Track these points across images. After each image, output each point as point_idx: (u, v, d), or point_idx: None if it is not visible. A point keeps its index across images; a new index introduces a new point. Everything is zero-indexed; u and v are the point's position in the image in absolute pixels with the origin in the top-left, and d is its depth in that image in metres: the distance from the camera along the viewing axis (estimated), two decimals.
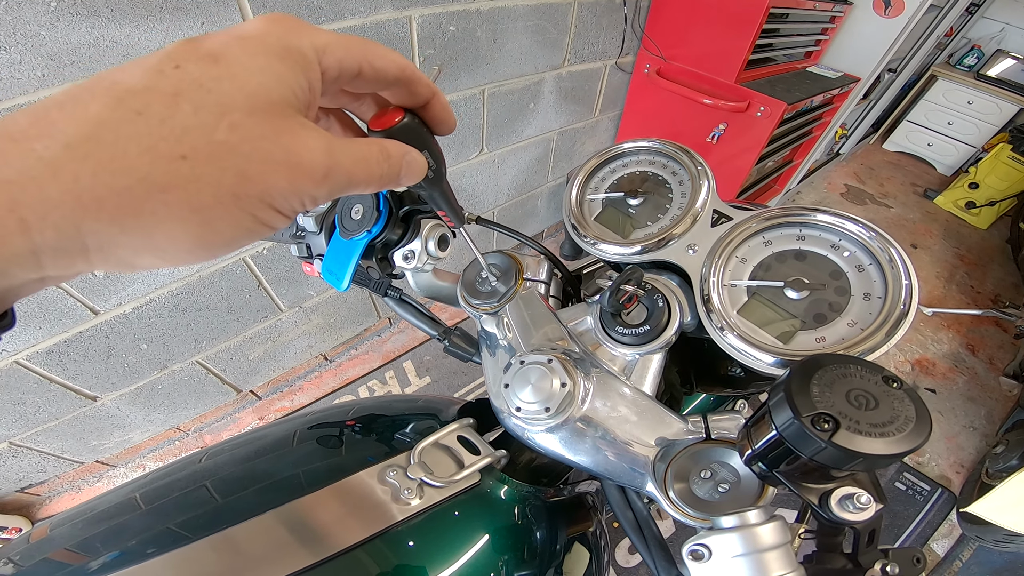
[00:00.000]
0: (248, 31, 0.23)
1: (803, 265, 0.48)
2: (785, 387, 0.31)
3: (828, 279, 0.46)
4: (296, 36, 0.24)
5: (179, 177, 0.19)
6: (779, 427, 0.31)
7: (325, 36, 0.25)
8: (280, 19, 0.24)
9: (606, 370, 0.50)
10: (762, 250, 0.50)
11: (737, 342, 0.46)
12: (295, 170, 0.23)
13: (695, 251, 0.52)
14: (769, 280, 0.48)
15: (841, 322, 0.44)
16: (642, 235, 0.55)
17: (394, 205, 0.47)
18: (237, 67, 0.21)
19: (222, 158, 0.20)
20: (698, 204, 0.53)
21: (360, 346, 2.18)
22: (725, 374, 0.66)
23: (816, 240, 0.48)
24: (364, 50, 0.27)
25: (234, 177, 0.21)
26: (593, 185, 0.60)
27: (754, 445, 0.35)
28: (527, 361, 0.49)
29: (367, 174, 0.27)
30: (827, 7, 2.16)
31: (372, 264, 0.48)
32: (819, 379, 0.31)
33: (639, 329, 0.50)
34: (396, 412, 0.63)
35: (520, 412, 0.47)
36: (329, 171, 0.24)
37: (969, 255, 3.52)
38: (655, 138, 0.58)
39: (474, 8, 1.51)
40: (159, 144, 0.19)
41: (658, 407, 0.47)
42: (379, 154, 0.28)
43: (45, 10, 0.88)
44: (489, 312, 0.57)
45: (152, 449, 1.83)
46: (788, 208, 0.49)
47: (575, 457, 0.47)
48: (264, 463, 0.54)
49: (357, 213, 0.47)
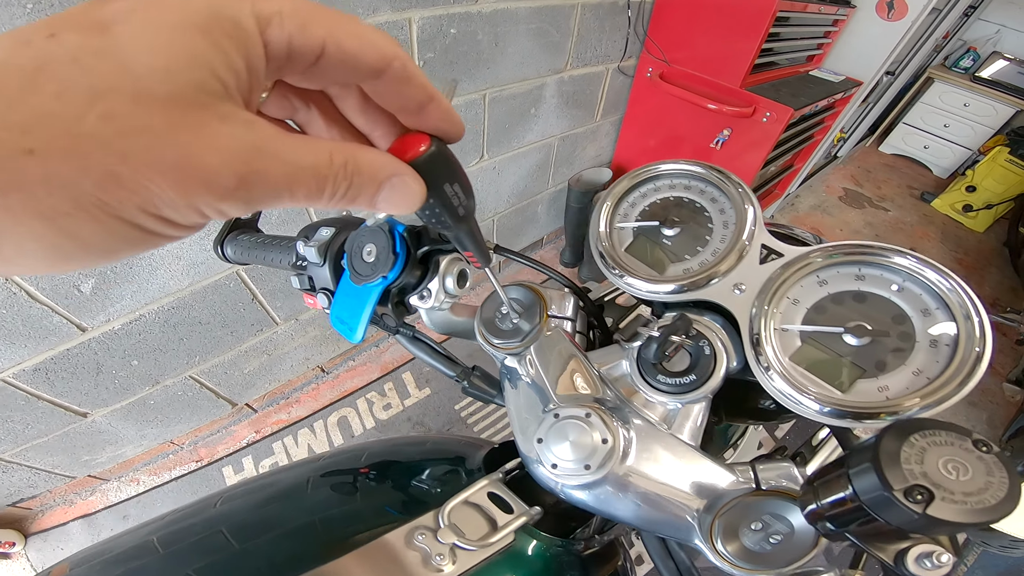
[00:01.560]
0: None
1: (863, 308, 0.44)
2: (873, 457, 0.29)
3: (891, 324, 0.42)
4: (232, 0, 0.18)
5: (22, 176, 0.15)
6: (862, 495, 0.30)
7: (279, 2, 0.19)
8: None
9: (646, 420, 0.46)
10: (816, 290, 0.45)
11: (790, 390, 0.42)
12: (189, 175, 0.17)
13: (742, 291, 0.47)
14: (826, 325, 0.43)
15: (906, 370, 0.40)
16: (680, 271, 0.51)
17: (412, 245, 0.42)
18: (132, 40, 0.16)
19: (85, 155, 0.16)
20: (744, 237, 0.48)
21: (357, 357, 2.13)
22: (755, 406, 0.62)
23: (877, 280, 0.44)
24: (331, 24, 0.20)
25: (99, 179, 0.16)
26: (622, 211, 0.55)
27: (821, 502, 0.33)
28: (563, 415, 0.45)
29: (309, 190, 0.21)
30: (831, 10, 2.13)
31: (387, 311, 0.44)
32: (910, 447, 0.29)
33: (684, 379, 0.46)
34: (415, 457, 0.60)
35: (557, 469, 0.43)
36: (244, 180, 0.18)
37: (967, 259, 3.52)
38: (692, 159, 0.53)
39: (475, 10, 1.46)
40: (2, 135, 0.15)
41: (704, 458, 0.44)
42: (335, 164, 0.21)
43: (21, 12, 0.83)
44: (512, 353, 0.52)
45: (146, 463, 1.78)
46: (847, 245, 0.45)
47: (614, 511, 0.44)
48: (280, 511, 0.52)
49: (370, 255, 0.42)
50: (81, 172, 0.16)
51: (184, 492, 1.72)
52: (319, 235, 0.51)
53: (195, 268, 1.34)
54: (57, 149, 0.15)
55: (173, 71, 0.17)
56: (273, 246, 0.59)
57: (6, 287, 1.06)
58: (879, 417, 0.39)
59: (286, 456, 1.81)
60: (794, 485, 0.41)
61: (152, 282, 1.28)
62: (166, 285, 1.32)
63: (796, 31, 2.08)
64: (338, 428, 1.89)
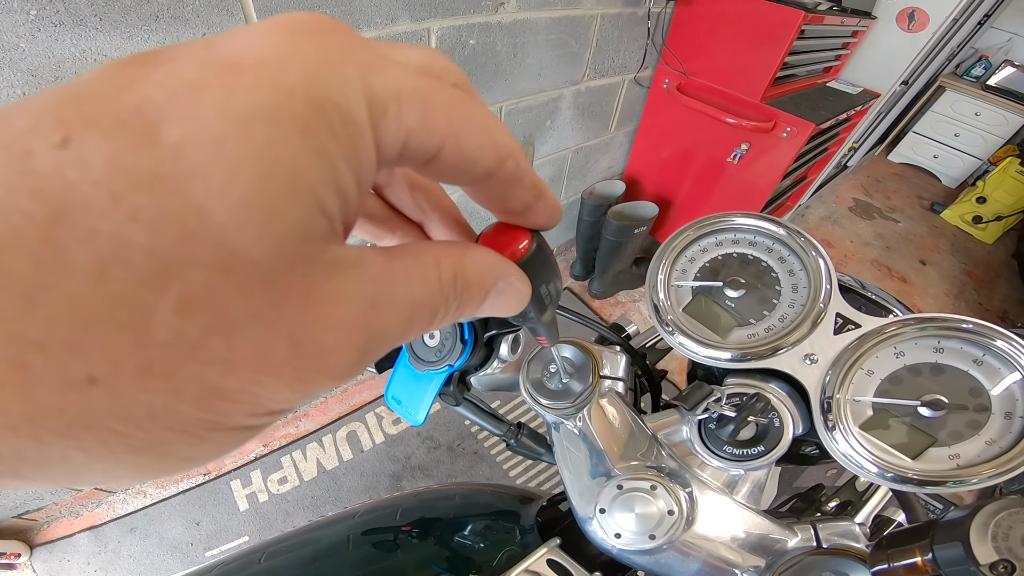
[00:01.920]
0: (249, 52, 0.11)
1: (940, 379, 0.42)
2: (963, 535, 0.31)
3: (968, 397, 0.41)
4: (343, 73, 0.12)
5: (91, 415, 0.10)
6: (945, 566, 0.31)
7: (395, 77, 0.13)
8: (311, 26, 0.12)
9: (707, 486, 0.45)
10: (892, 362, 0.43)
11: (857, 457, 0.41)
12: (306, 368, 0.13)
13: (814, 362, 0.45)
14: (901, 398, 0.42)
15: (979, 440, 0.39)
16: (744, 336, 0.48)
17: (480, 331, 0.39)
18: (198, 156, 0.10)
19: (169, 375, 0.11)
20: (820, 304, 0.45)
21: (366, 372, 2.09)
22: (798, 452, 0.61)
23: (957, 354, 0.42)
24: (451, 114, 0.15)
25: (196, 398, 0.11)
26: (680, 267, 0.52)
27: (893, 564, 0.35)
28: (627, 488, 0.44)
29: (422, 328, 0.16)
30: (852, 22, 2.10)
31: (448, 392, 0.41)
32: (998, 526, 0.30)
33: (752, 450, 0.44)
34: (461, 512, 0.59)
35: (620, 539, 0.43)
36: (366, 351, 0.14)
37: (977, 271, 3.50)
38: (759, 214, 0.50)
39: (495, 20, 1.44)
40: (32, 358, 0.09)
41: (767, 521, 0.44)
42: (448, 281, 0.17)
43: (24, 19, 0.79)
44: (563, 416, 0.49)
45: None
46: (930, 319, 0.42)
47: (673, 574, 0.44)
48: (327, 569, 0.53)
49: (432, 339, 0.40)
50: (171, 396, 0.11)
51: (192, 505, 1.69)
52: None
53: None
54: (127, 373, 0.10)
55: (272, 216, 0.11)
56: None
57: None
58: (944, 484, 0.38)
59: (294, 470, 1.78)
60: (854, 542, 0.42)
61: None
62: None
63: (817, 43, 2.05)
64: (347, 443, 1.86)
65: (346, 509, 0.62)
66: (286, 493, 1.74)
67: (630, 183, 2.54)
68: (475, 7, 1.36)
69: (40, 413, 0.10)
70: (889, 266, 3.33)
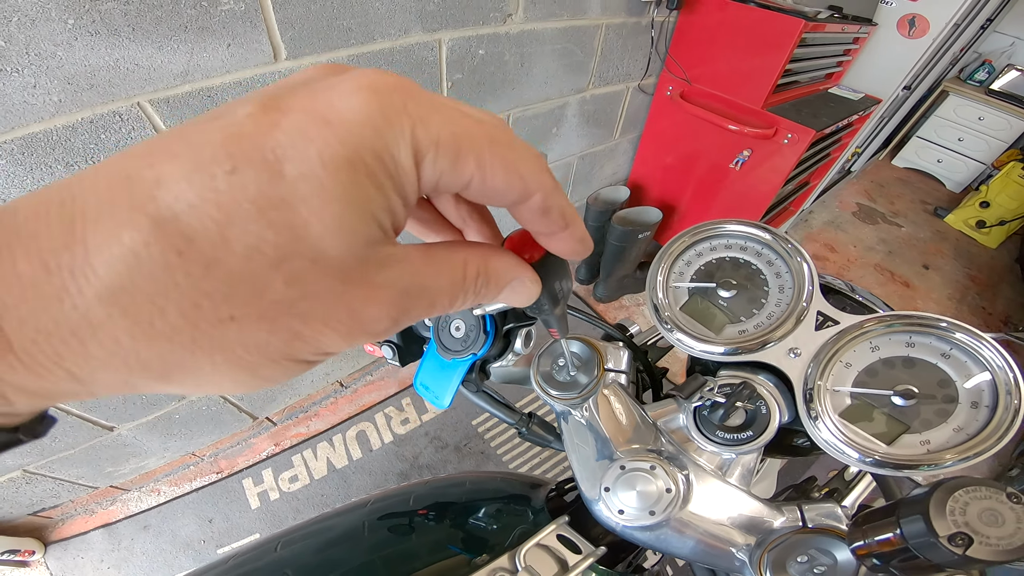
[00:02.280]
0: (339, 112, 0.16)
1: (911, 371, 0.46)
2: (923, 509, 0.34)
3: (937, 388, 0.45)
4: (397, 128, 0.17)
5: (225, 341, 0.16)
6: (910, 539, 0.34)
7: (436, 126, 0.18)
8: (382, 88, 0.17)
9: (702, 468, 0.50)
10: (868, 355, 0.47)
11: (837, 443, 0.45)
12: (355, 328, 0.19)
13: (797, 355, 0.49)
14: (876, 388, 0.46)
15: (947, 427, 0.43)
16: (735, 332, 0.52)
17: (500, 323, 0.44)
18: (307, 188, 0.15)
19: (274, 319, 0.17)
20: (802, 303, 0.50)
21: (375, 372, 2.14)
22: (790, 444, 0.65)
23: (927, 348, 0.46)
24: (481, 155, 0.19)
25: (285, 338, 0.17)
26: (678, 269, 0.57)
27: (868, 540, 0.38)
28: (629, 468, 0.48)
29: (443, 307, 0.22)
30: (853, 28, 2.14)
31: (471, 379, 0.45)
32: (955, 501, 0.33)
33: (741, 434, 0.49)
34: (472, 496, 0.62)
35: (623, 515, 0.48)
36: (397, 321, 0.20)
37: (980, 275, 3.50)
38: (749, 220, 0.55)
39: (504, 31, 1.48)
40: (203, 302, 0.15)
41: (757, 502, 0.48)
42: (469, 278, 0.22)
43: (62, 28, 0.82)
44: (571, 405, 0.54)
45: (167, 474, 1.80)
46: (902, 316, 0.46)
47: (670, 548, 0.48)
48: (344, 554, 0.55)
49: (458, 331, 0.44)
50: (271, 334, 0.17)
51: (205, 503, 1.74)
52: None
53: None
54: (253, 316, 0.16)
55: (347, 230, 0.16)
56: None
57: None
58: (918, 468, 0.42)
59: (305, 469, 1.83)
60: (836, 523, 0.45)
61: None
62: None
63: (818, 50, 2.09)
64: (357, 442, 1.91)
65: (358, 499, 0.65)
66: (297, 491, 1.78)
67: (634, 189, 2.58)
68: (484, 19, 1.41)
69: (200, 336, 0.16)
70: (892, 270, 3.35)
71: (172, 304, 0.15)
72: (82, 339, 0.15)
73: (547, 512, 0.59)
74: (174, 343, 0.16)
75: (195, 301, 0.15)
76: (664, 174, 2.47)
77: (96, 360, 0.15)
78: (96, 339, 0.15)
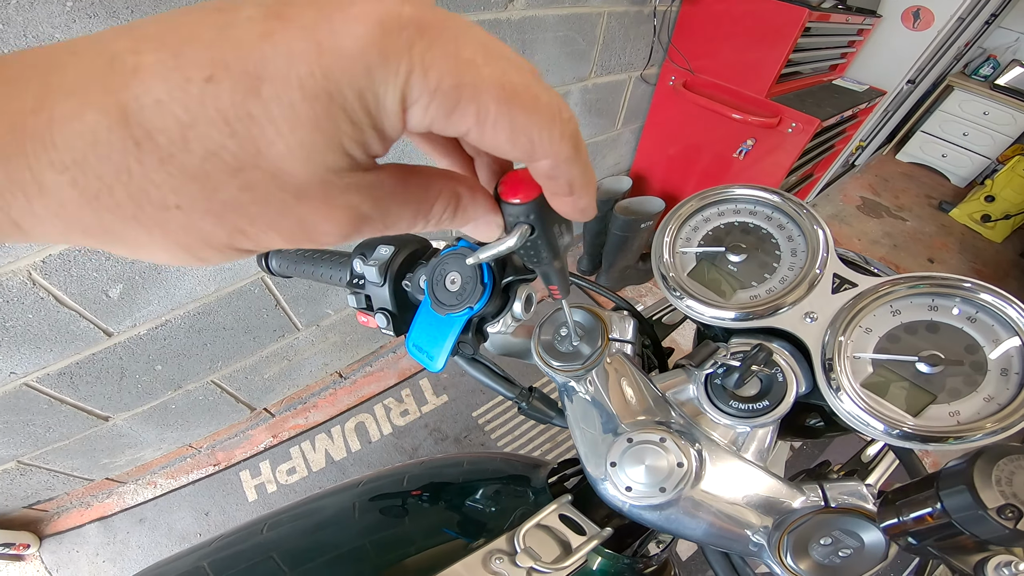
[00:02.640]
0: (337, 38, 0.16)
1: (936, 337, 0.43)
2: (967, 479, 0.31)
3: (964, 353, 0.42)
4: (391, 70, 0.16)
5: (166, 223, 0.17)
6: (954, 512, 0.32)
7: (437, 74, 0.17)
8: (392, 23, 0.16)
9: (715, 443, 0.46)
10: (889, 320, 0.45)
11: (861, 414, 0.42)
12: (302, 237, 0.20)
13: (813, 319, 0.46)
14: (899, 354, 0.43)
15: (977, 397, 0.40)
16: (746, 298, 0.50)
17: (498, 275, 0.41)
18: (279, 109, 0.16)
19: (220, 215, 0.17)
20: (816, 266, 0.47)
21: (375, 363, 2.12)
22: (802, 424, 0.62)
23: (951, 312, 0.43)
24: (484, 114, 0.18)
25: (229, 232, 0.18)
26: (685, 235, 0.54)
27: (903, 518, 0.35)
28: (636, 440, 0.45)
29: (403, 227, 0.23)
30: (856, 20, 2.12)
31: (466, 339, 0.43)
32: (999, 470, 0.31)
33: (756, 405, 0.45)
34: (468, 478, 0.60)
35: (631, 492, 0.44)
36: (347, 237, 0.21)
37: (985, 270, 3.48)
38: (758, 184, 0.52)
39: (504, 17, 1.46)
40: (150, 189, 0.16)
41: (774, 480, 0.44)
42: (437, 211, 0.23)
43: (60, 10, 0.82)
44: (574, 376, 0.51)
45: (163, 466, 1.78)
46: (922, 277, 0.44)
47: (681, 529, 0.45)
48: (331, 536, 0.53)
49: (453, 284, 0.41)
50: (216, 226, 0.18)
51: (201, 496, 1.72)
52: (378, 253, 0.50)
53: (222, 273, 1.34)
54: (200, 209, 0.17)
55: (311, 156, 0.17)
56: (324, 261, 0.58)
57: (35, 292, 1.06)
58: (946, 441, 0.40)
59: (303, 461, 1.80)
60: (862, 502, 0.42)
61: (179, 287, 1.28)
62: (193, 291, 1.32)
63: (822, 41, 2.07)
64: (355, 434, 1.88)
65: (350, 479, 0.62)
66: (294, 484, 1.76)
67: (637, 179, 2.56)
68: (484, 4, 1.39)
69: (142, 215, 0.17)
70: (897, 264, 3.32)
71: (120, 185, 0.16)
72: (29, 197, 0.16)
73: (548, 492, 0.56)
74: (115, 216, 0.17)
75: (143, 187, 0.16)
76: (667, 164, 2.45)
77: (38, 217, 0.16)
78: (42, 200, 0.16)
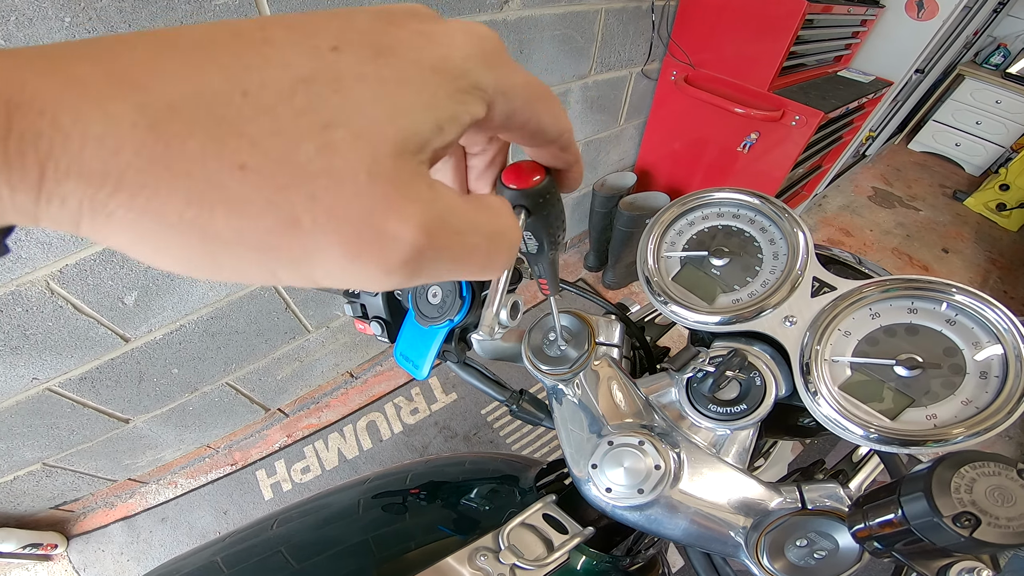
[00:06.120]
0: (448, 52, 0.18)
1: (914, 340, 0.44)
2: (925, 486, 0.31)
3: (942, 356, 0.43)
4: (492, 68, 0.20)
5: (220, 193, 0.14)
6: (912, 519, 0.32)
7: (516, 76, 0.21)
8: (486, 43, 0.20)
9: (696, 445, 0.48)
10: (868, 323, 0.46)
11: (838, 418, 0.43)
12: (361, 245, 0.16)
13: (793, 323, 0.48)
14: (877, 357, 0.44)
15: (955, 400, 0.41)
16: (728, 301, 0.51)
17: (476, 288, 0.43)
18: (392, 71, 0.17)
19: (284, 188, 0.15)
20: (797, 270, 0.49)
21: (385, 362, 2.16)
22: (794, 424, 0.63)
23: (930, 314, 0.44)
24: (539, 103, 0.23)
25: (277, 223, 0.15)
26: (669, 239, 0.55)
27: (869, 523, 0.36)
28: (617, 443, 0.47)
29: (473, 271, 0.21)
30: (859, 11, 2.10)
31: (450, 348, 0.45)
32: (960, 477, 0.31)
33: (735, 408, 0.47)
34: (464, 477, 0.62)
35: (611, 493, 0.46)
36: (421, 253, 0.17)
37: (1001, 259, 3.42)
38: (740, 188, 0.53)
39: (501, 18, 1.47)
40: (229, 141, 0.14)
41: (751, 480, 0.46)
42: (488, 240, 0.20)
43: (59, 26, 0.84)
44: (561, 379, 0.53)
45: (183, 466, 1.83)
46: (901, 280, 0.45)
47: (662, 530, 0.46)
48: (337, 532, 0.55)
49: (435, 297, 0.44)
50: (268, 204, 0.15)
51: (220, 494, 1.76)
52: None
53: None
54: (265, 171, 0.15)
55: (405, 121, 0.17)
56: None
57: (53, 301, 1.10)
58: (925, 444, 0.40)
59: (317, 460, 1.84)
60: (839, 505, 0.42)
61: (192, 293, 1.32)
62: (205, 296, 1.35)
63: (824, 32, 2.05)
64: (367, 432, 1.92)
65: (358, 476, 0.65)
66: (309, 482, 1.80)
67: (641, 174, 2.56)
68: (480, 5, 1.40)
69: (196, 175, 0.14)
70: (911, 254, 3.28)
71: (200, 130, 0.14)
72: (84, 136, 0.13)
73: (535, 492, 0.58)
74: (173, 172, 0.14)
75: (220, 138, 0.14)
76: (671, 159, 2.45)
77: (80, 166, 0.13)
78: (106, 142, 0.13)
